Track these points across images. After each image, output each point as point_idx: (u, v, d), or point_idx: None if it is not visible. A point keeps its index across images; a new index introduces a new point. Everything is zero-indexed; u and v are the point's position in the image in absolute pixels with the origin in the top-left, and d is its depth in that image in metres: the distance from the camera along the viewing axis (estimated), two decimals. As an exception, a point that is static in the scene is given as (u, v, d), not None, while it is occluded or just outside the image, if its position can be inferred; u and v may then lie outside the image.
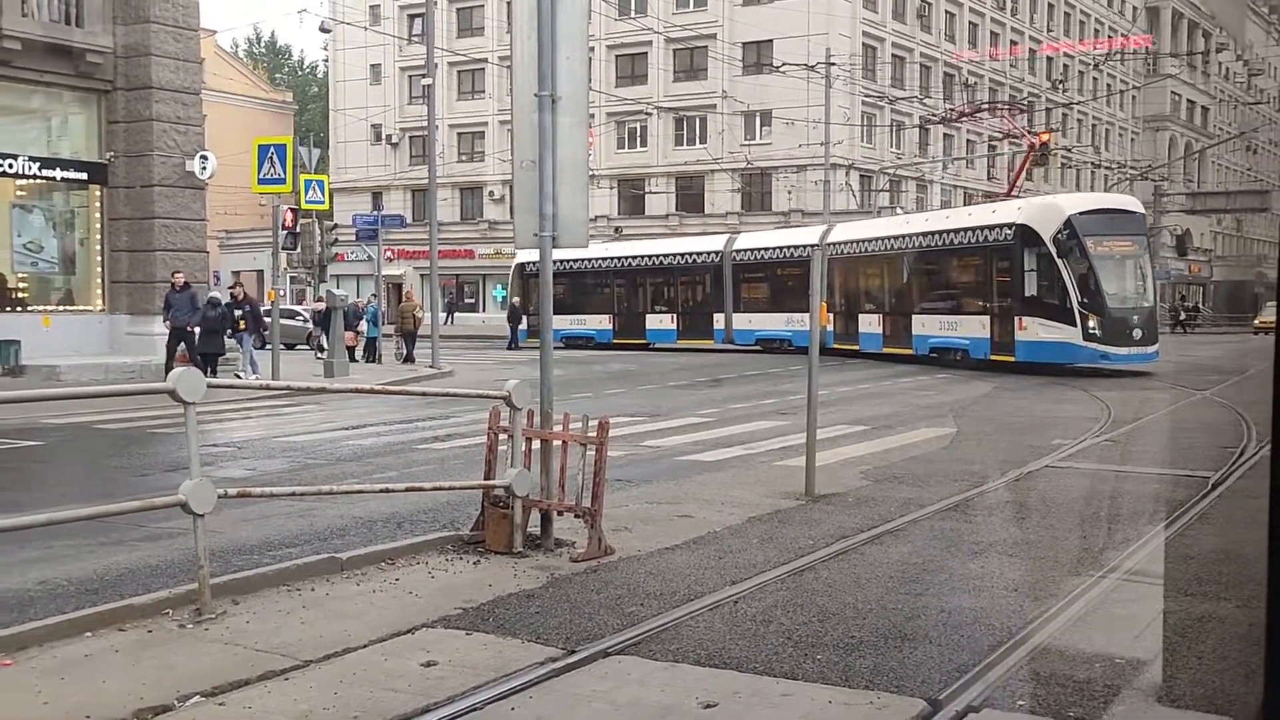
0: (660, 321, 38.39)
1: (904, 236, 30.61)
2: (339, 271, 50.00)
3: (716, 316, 36.69)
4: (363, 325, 30.22)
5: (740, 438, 14.28)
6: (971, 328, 26.60)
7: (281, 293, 26.60)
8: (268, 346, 22.64)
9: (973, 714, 4.80)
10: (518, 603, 6.59)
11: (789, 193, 53.99)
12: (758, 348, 35.06)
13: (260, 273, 58.27)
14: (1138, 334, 24.02)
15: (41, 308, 21.91)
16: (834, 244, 33.28)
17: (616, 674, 5.39)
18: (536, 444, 8.12)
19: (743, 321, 36.02)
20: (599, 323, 39.41)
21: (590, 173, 10.09)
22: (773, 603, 6.60)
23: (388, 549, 7.72)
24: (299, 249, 26.15)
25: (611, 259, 39.99)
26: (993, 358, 25.49)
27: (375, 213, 37.78)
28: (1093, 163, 72.83)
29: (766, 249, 36.17)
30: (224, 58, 69.95)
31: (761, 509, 9.44)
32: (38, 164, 22.48)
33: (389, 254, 49.81)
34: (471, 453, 11.91)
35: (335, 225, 32.12)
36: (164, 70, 22.99)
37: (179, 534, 7.93)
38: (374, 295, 33.75)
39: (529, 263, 41.12)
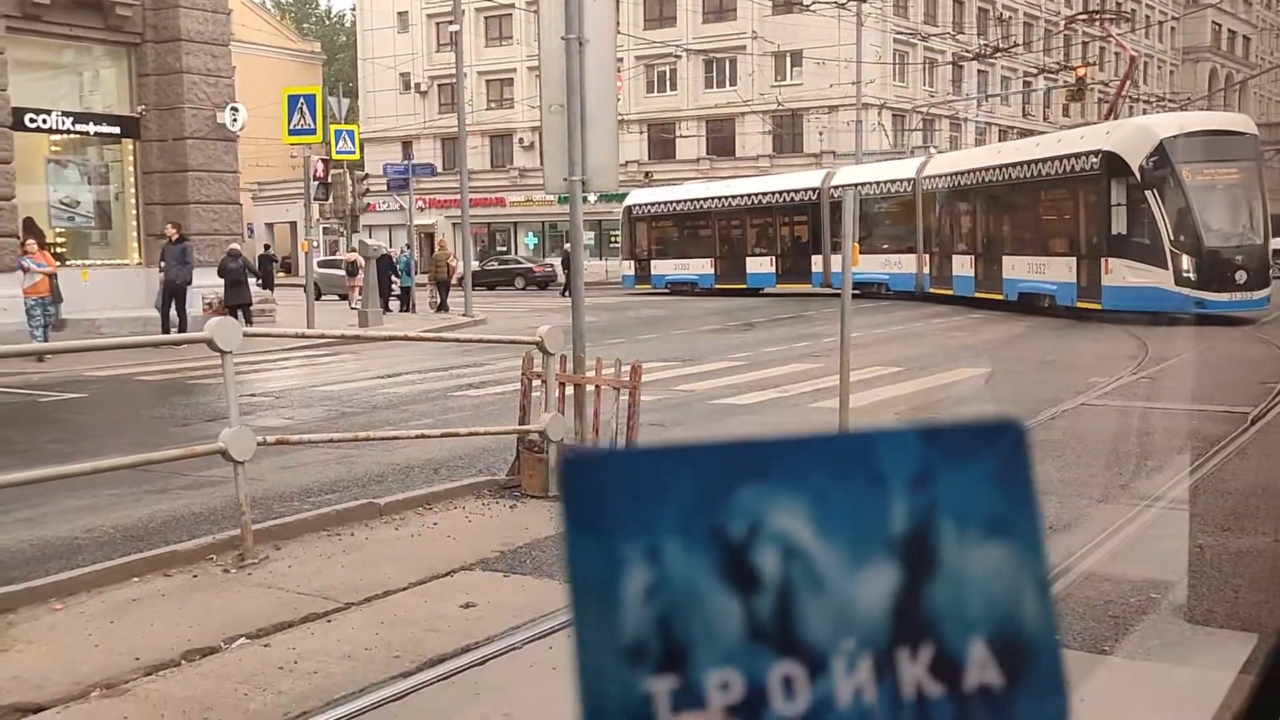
0: (760, 265, 36.14)
1: (994, 169, 27.40)
2: (371, 222, 50.10)
3: (814, 258, 34.24)
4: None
5: (773, 381, 14.28)
6: (1058, 271, 23.58)
7: (315, 243, 26.74)
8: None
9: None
10: (554, 545, 6.66)
11: (820, 134, 53.46)
12: (855, 292, 33.16)
13: (293, 224, 58.55)
14: (1242, 277, 20.58)
15: (79, 262, 22.11)
16: (930, 177, 30.45)
17: (653, 613, 5.45)
18: (570, 389, 8.17)
19: (839, 264, 33.96)
20: (701, 267, 37.24)
21: (619, 117, 10.05)
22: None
23: (425, 494, 7.82)
24: (331, 199, 26.24)
25: (712, 199, 37.86)
26: (1079, 305, 22.59)
27: (405, 162, 37.82)
28: (1130, 96, 71.62)
29: (862, 184, 32.38)
30: (251, 8, 69.73)
31: (795, 450, 9.43)
32: (71, 119, 22.58)
33: (420, 203, 49.79)
34: (506, 399, 11.97)
35: (366, 175, 32.16)
36: (193, 22, 22.97)
37: (220, 482, 8.06)
38: (407, 245, 33.84)
39: (637, 205, 40.58)
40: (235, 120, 23.53)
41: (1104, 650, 4.79)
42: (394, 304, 30.01)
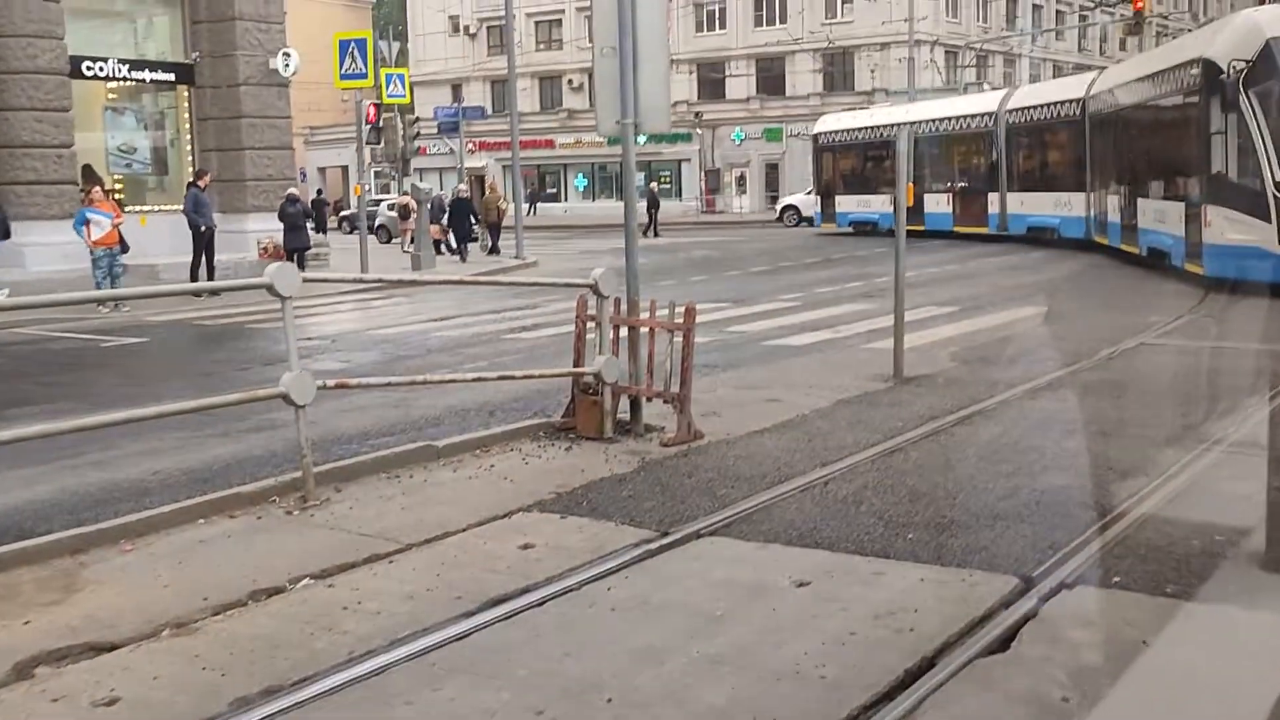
0: (937, 204, 31.43)
1: (1141, 81, 21.09)
2: (421, 165, 50.20)
3: (990, 198, 29.65)
4: (445, 219, 30.45)
5: (826, 321, 14.21)
6: (1173, 220, 18.19)
7: (367, 187, 26.87)
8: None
9: (1066, 590, 4.82)
10: (610, 487, 6.71)
11: (872, 72, 52.70)
12: (1028, 235, 28.01)
13: (344, 168, 58.80)
14: None
15: (138, 208, 22.35)
16: (1097, 96, 24.82)
17: (710, 554, 5.49)
18: (624, 332, 8.18)
19: (1015, 204, 28.82)
20: (882, 204, 31.48)
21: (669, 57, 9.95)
22: (863, 484, 6.63)
23: (482, 436, 7.89)
24: (382, 144, 26.29)
25: (889, 126, 32.07)
26: (1187, 267, 17.34)
27: (455, 105, 37.75)
28: (1190, 30, 69.84)
29: (1040, 106, 28.19)
30: (299, -48, 69.62)
31: (849, 392, 9.43)
32: (126, 66, 22.74)
33: (470, 146, 49.79)
34: (559, 341, 12.02)
35: (417, 119, 32.09)
36: (244, -33, 23.00)
37: (280, 425, 8.18)
38: (459, 186, 33.90)
39: (824, 132, 36.81)
40: (288, 66, 23.59)
41: (1170, 595, 4.76)
42: (445, 248, 30.13)
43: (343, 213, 46.48)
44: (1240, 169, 15.75)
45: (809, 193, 40.77)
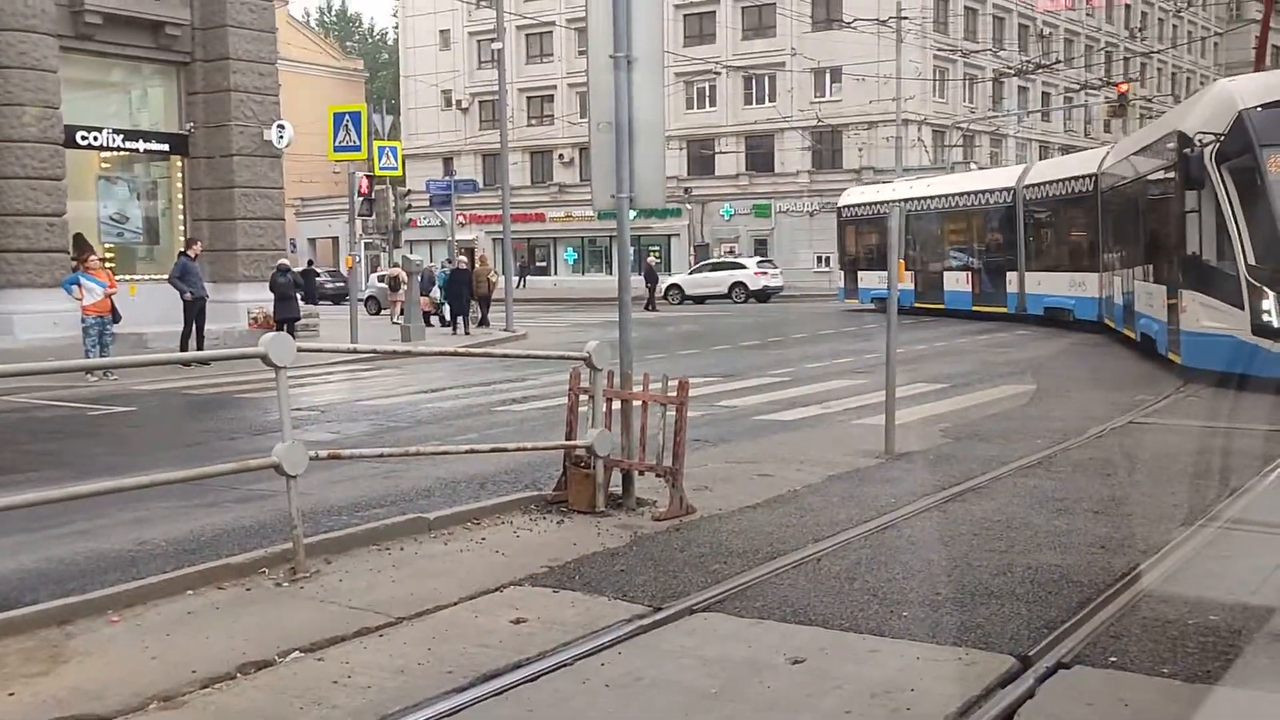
0: (956, 282, 30.03)
1: (1134, 155, 19.74)
2: (412, 237, 50.45)
3: (1009, 276, 27.94)
4: (435, 291, 30.58)
5: (816, 397, 14.24)
6: (1159, 305, 16.66)
7: (358, 259, 26.98)
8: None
9: (1063, 670, 4.79)
10: (603, 561, 6.67)
11: (860, 150, 53.36)
12: (1040, 316, 26.45)
13: (335, 239, 59.10)
14: None
15: (128, 277, 22.37)
16: (1108, 173, 22.85)
17: (703, 630, 5.45)
18: (616, 404, 8.18)
19: (1033, 283, 27.13)
20: (905, 281, 28.94)
21: (665, 133, 10.07)
22: (856, 560, 6.61)
23: (473, 509, 7.85)
24: (373, 215, 26.46)
25: (912, 200, 30.81)
26: (1169, 355, 15.84)
27: (448, 178, 38.08)
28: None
29: (1057, 182, 26.43)
30: (296, 27, 70.62)
31: (841, 467, 9.43)
32: (121, 136, 22.93)
33: (461, 219, 50.14)
34: (550, 414, 12.02)
35: (408, 191, 32.34)
36: (241, 41, 23.29)
37: (270, 495, 8.14)
38: (448, 260, 34.05)
39: (847, 205, 35.52)
40: (281, 137, 23.81)
41: (1167, 675, 4.73)
42: (435, 319, 30.21)
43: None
44: (1213, 250, 14.25)
45: (692, 271, 40.20)
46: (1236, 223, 13.73)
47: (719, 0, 56.46)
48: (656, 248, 55.46)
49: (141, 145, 23.41)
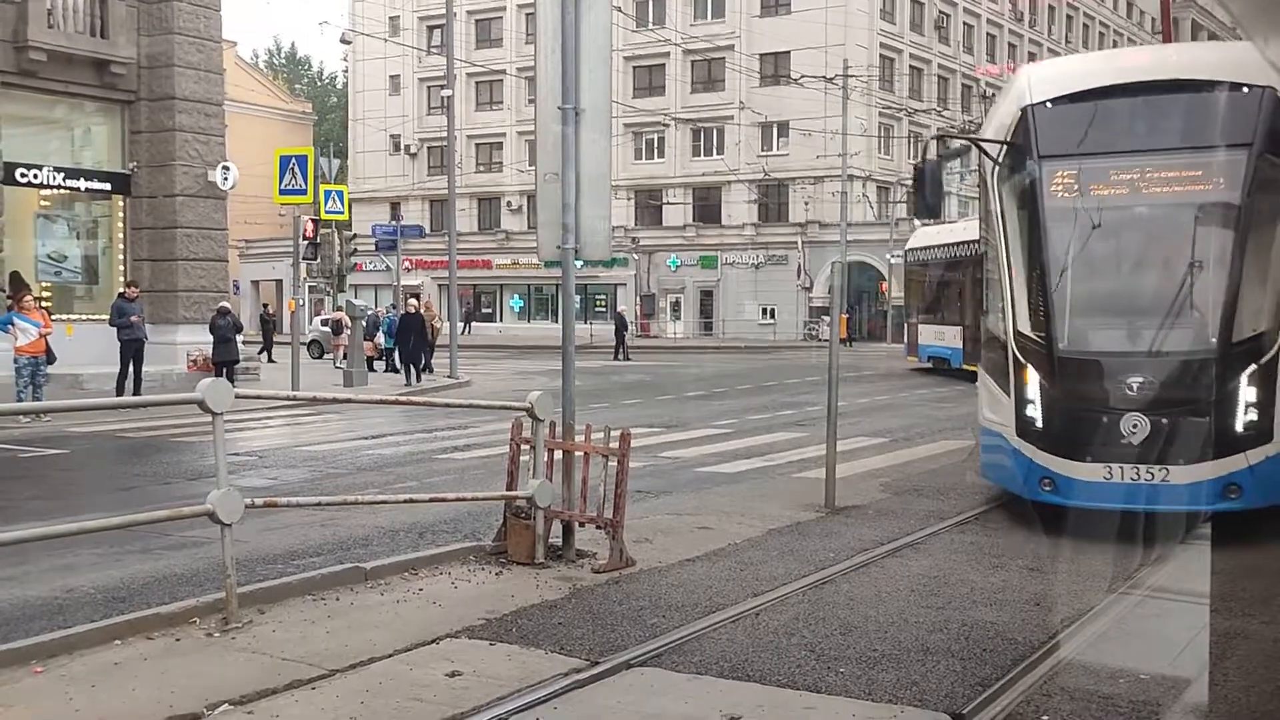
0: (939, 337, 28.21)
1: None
2: (357, 281, 50.18)
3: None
4: (380, 336, 30.36)
5: (759, 449, 14.29)
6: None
7: (301, 302, 26.75)
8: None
9: (997, 728, 4.82)
10: (540, 613, 6.63)
11: (806, 204, 54.00)
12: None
13: (279, 282, 58.57)
14: (1137, 429, 8.39)
15: (65, 317, 22.00)
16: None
17: (640, 685, 5.42)
18: (558, 454, 8.16)
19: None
20: (953, 338, 26.07)
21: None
22: (794, 615, 6.62)
23: (411, 559, 7.77)
24: (318, 259, 26.26)
25: (959, 245, 25.75)
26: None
27: (394, 223, 37.78)
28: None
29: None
30: (244, 68, 70.36)
31: (781, 521, 9.46)
32: (62, 174, 22.64)
33: (407, 264, 49.97)
34: (491, 463, 11.96)
35: (354, 235, 32.12)
36: (187, 81, 23.14)
37: (204, 542, 8.01)
38: (391, 305, 33.85)
39: (912, 249, 31.17)
40: (226, 179, 23.63)
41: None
42: (379, 365, 29.97)
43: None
44: (997, 309, 9.83)
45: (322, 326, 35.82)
46: (1010, 270, 9.40)
47: (669, 54, 57.09)
48: (602, 296, 55.65)
49: (83, 184, 23.12)
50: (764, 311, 52.98)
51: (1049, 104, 9.28)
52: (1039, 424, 8.90)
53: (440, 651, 5.90)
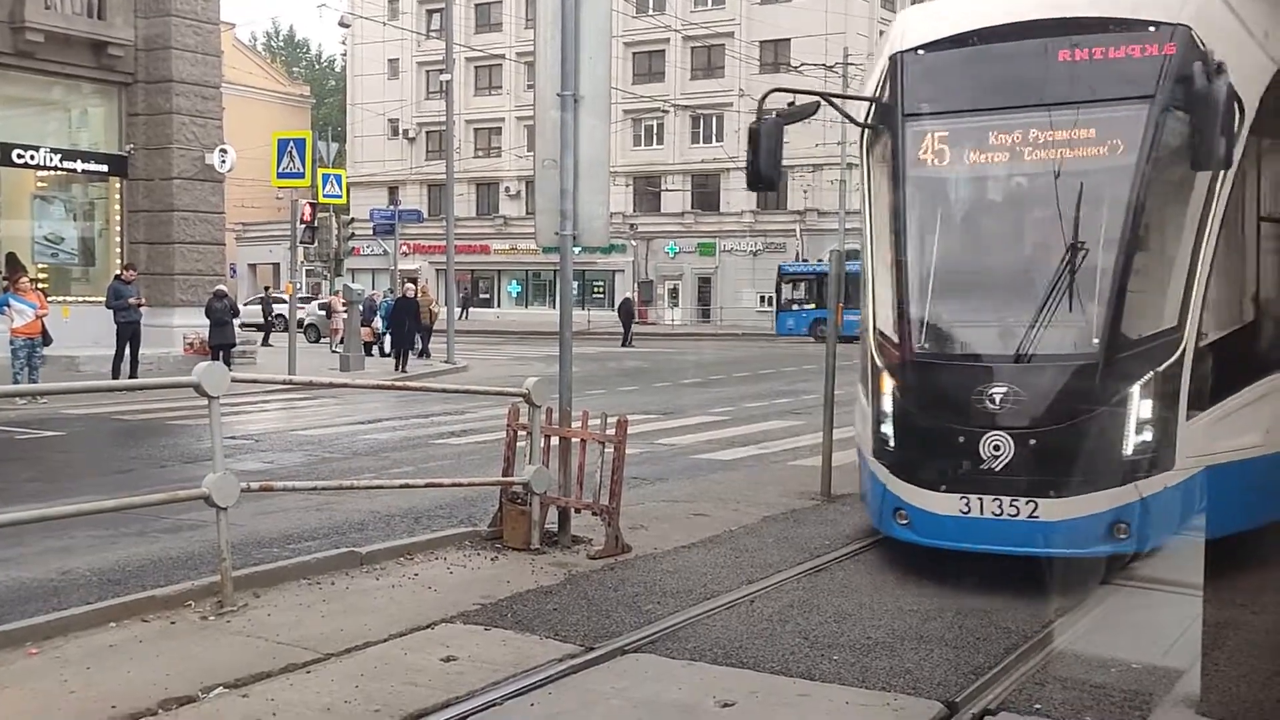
0: None
1: None
2: (354, 266, 50.15)
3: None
4: (377, 321, 30.33)
5: (755, 437, 14.30)
6: None
7: (298, 286, 26.72)
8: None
9: (989, 717, 4.84)
10: (536, 599, 6.64)
11: (805, 192, 53.94)
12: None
13: (276, 265, 58.53)
14: (1000, 451, 6.69)
15: (61, 299, 21.97)
16: None
17: (634, 671, 5.43)
18: (555, 441, 8.17)
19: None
20: None
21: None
22: (789, 602, 6.63)
23: (406, 544, 7.78)
24: (316, 243, 26.20)
25: None
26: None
27: (392, 208, 37.69)
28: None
29: None
30: (242, 51, 70.16)
31: (777, 508, 9.47)
32: (58, 156, 22.58)
33: (404, 248, 49.89)
34: (487, 449, 11.96)
35: (352, 219, 32.04)
36: (184, 64, 23.08)
37: (199, 526, 8.02)
38: (390, 290, 33.80)
39: None
40: (224, 162, 23.57)
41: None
42: (377, 349, 29.94)
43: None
44: (862, 303, 8.09)
45: None
46: (872, 256, 7.90)
47: (669, 40, 56.96)
48: (600, 283, 55.63)
49: (79, 165, 23.07)
50: (761, 299, 52.94)
51: (921, 51, 7.61)
52: (891, 443, 7.32)
53: (435, 636, 5.91)
